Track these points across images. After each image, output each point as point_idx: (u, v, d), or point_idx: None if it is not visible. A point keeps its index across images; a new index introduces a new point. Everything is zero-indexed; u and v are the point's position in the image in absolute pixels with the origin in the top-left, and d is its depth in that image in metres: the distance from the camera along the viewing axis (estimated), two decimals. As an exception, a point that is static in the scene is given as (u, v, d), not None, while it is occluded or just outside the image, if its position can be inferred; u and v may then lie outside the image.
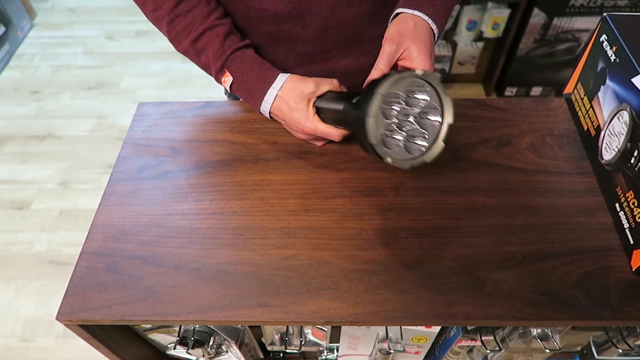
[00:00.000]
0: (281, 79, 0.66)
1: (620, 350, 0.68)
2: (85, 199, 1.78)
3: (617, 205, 0.60)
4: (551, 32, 1.85)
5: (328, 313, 0.53)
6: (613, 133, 0.61)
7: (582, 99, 0.71)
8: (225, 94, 0.88)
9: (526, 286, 0.55)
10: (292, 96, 0.64)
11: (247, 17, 0.70)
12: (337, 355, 0.85)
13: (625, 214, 0.58)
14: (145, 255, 0.58)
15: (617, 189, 0.60)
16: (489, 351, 0.71)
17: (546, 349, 0.69)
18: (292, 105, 0.64)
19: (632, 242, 0.57)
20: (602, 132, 0.64)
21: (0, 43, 2.30)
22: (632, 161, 0.56)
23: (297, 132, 0.68)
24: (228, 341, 0.73)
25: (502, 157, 0.69)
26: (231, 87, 0.68)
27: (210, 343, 0.72)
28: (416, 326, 0.66)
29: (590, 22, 1.82)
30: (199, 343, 0.70)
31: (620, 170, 0.59)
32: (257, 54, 0.70)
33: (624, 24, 0.63)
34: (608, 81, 0.63)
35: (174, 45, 0.70)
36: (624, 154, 0.58)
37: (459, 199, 0.64)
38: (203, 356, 0.75)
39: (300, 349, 0.77)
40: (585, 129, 0.70)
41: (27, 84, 2.26)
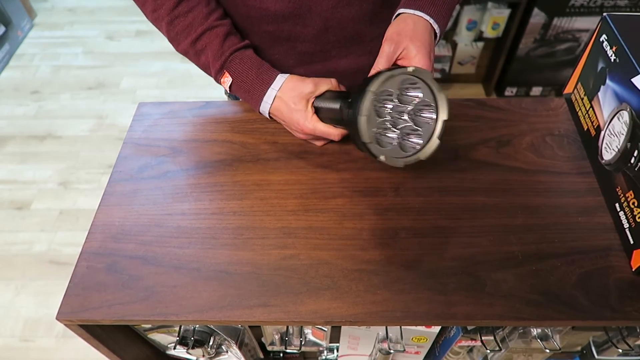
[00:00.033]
0: (280, 79, 0.66)
1: (620, 350, 0.68)
2: (85, 199, 1.78)
3: (617, 205, 0.60)
4: (551, 32, 1.85)
5: (328, 313, 0.53)
6: (613, 133, 0.61)
7: (582, 99, 0.71)
8: (225, 93, 0.88)
9: (526, 286, 0.55)
10: (291, 97, 0.64)
11: (248, 17, 0.70)
12: (337, 355, 0.85)
13: (625, 214, 0.58)
14: (145, 255, 0.58)
15: (617, 189, 0.60)
16: (489, 351, 0.71)
17: (546, 349, 0.69)
18: (291, 105, 0.64)
19: (632, 242, 0.57)
20: (602, 132, 0.64)
21: (0, 43, 2.30)
22: (632, 161, 0.56)
23: (296, 132, 0.68)
24: (228, 341, 0.73)
25: (502, 157, 0.69)
26: (231, 87, 0.69)
27: (210, 343, 0.72)
28: (416, 326, 0.66)
29: (590, 22, 1.82)
30: (199, 343, 0.70)
31: (620, 170, 0.59)
32: (258, 53, 0.70)
33: (624, 24, 0.63)
34: (608, 81, 0.63)
35: (173, 45, 0.70)
36: (624, 154, 0.58)
37: (459, 199, 0.64)
38: (203, 356, 0.75)
39: (300, 349, 0.77)
40: (585, 129, 0.70)
41: (27, 84, 2.26)
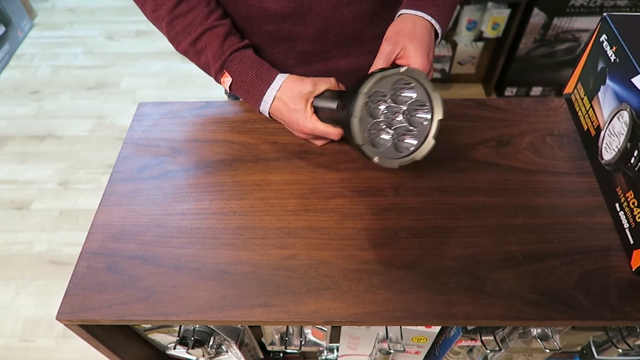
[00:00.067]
0: (280, 79, 0.66)
1: (620, 350, 0.68)
2: (85, 199, 1.78)
3: (617, 205, 0.60)
4: (551, 32, 1.85)
5: (328, 313, 0.53)
6: (613, 133, 0.61)
7: (582, 99, 0.71)
8: (225, 93, 0.88)
9: (526, 286, 0.55)
10: (290, 97, 0.64)
11: (248, 17, 0.70)
12: (337, 355, 0.85)
13: (625, 214, 0.58)
14: (145, 255, 0.58)
15: (617, 189, 0.60)
16: (489, 351, 0.71)
17: (546, 349, 0.69)
18: (290, 106, 0.65)
19: (632, 242, 0.57)
20: (602, 132, 0.64)
21: (0, 43, 2.30)
22: (632, 161, 0.56)
23: (296, 131, 0.68)
24: (228, 341, 0.73)
25: (502, 157, 0.69)
26: (230, 87, 0.69)
27: (210, 343, 0.72)
28: (416, 326, 0.66)
29: (590, 22, 1.82)
30: (199, 343, 0.70)
31: (620, 170, 0.59)
32: (258, 53, 0.70)
33: (624, 24, 0.63)
34: (608, 81, 0.63)
35: (173, 45, 0.70)
36: (624, 154, 0.58)
37: (459, 199, 0.64)
38: (203, 356, 0.75)
39: (300, 349, 0.77)
40: (585, 129, 0.70)
41: (27, 84, 2.26)
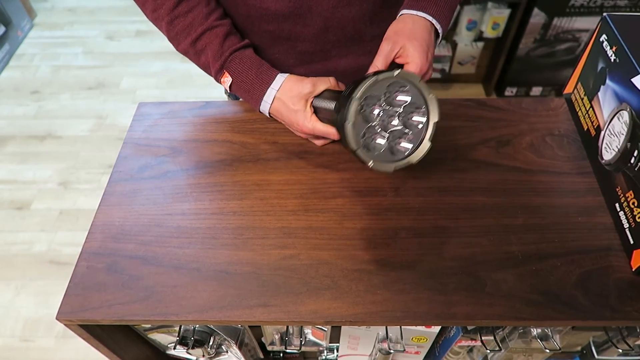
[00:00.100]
0: (280, 79, 0.66)
1: (620, 350, 0.68)
2: (85, 199, 1.78)
3: (617, 205, 0.60)
4: (551, 32, 1.85)
5: (328, 313, 0.53)
6: (613, 133, 0.61)
7: (582, 99, 0.71)
8: (225, 93, 0.88)
9: (526, 286, 0.55)
10: (289, 97, 0.65)
11: (248, 17, 0.70)
12: (337, 355, 0.85)
13: (625, 214, 0.58)
14: (145, 255, 0.58)
15: (617, 189, 0.60)
16: (489, 351, 0.71)
17: (546, 349, 0.69)
18: (290, 106, 0.65)
19: (632, 242, 0.57)
20: (602, 132, 0.64)
21: (0, 43, 2.30)
22: (632, 161, 0.56)
23: (296, 131, 0.68)
24: (228, 341, 0.73)
25: (502, 157, 0.69)
26: (231, 87, 0.69)
27: (210, 343, 0.72)
28: (416, 326, 0.66)
29: (590, 22, 1.82)
30: (199, 343, 0.70)
31: (620, 170, 0.59)
32: (258, 53, 0.70)
33: (624, 24, 0.63)
34: (608, 81, 0.63)
35: (173, 45, 0.70)
36: (624, 154, 0.58)
37: (459, 199, 0.64)
38: (203, 356, 0.75)
39: (300, 349, 0.77)
40: (585, 129, 0.70)
41: (27, 84, 2.26)
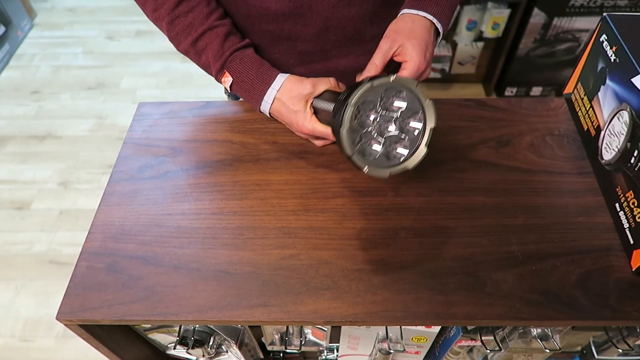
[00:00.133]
0: (280, 79, 0.66)
1: (620, 350, 0.68)
2: (85, 199, 1.78)
3: (617, 205, 0.60)
4: (551, 32, 1.85)
5: (328, 313, 0.53)
6: (613, 133, 0.61)
7: (582, 99, 0.71)
8: (225, 93, 0.88)
9: (526, 286, 0.55)
10: (289, 98, 0.65)
11: (248, 17, 0.70)
12: (337, 355, 0.85)
13: (625, 214, 0.58)
14: (145, 255, 0.58)
15: (617, 189, 0.60)
16: (489, 351, 0.71)
17: (546, 349, 0.68)
18: (290, 107, 0.65)
19: (632, 242, 0.57)
20: (602, 132, 0.64)
21: (0, 43, 2.30)
22: (632, 161, 0.56)
23: (296, 132, 0.68)
24: (228, 341, 0.73)
25: (502, 157, 0.69)
26: (231, 87, 0.69)
27: (210, 343, 0.72)
28: (416, 326, 0.66)
29: (590, 22, 1.82)
30: (199, 343, 0.70)
31: (620, 170, 0.59)
32: (258, 53, 0.70)
33: (624, 24, 0.63)
34: (608, 81, 0.63)
35: (174, 44, 0.70)
36: (624, 154, 0.58)
37: (459, 199, 0.64)
38: (203, 356, 0.75)
39: (300, 349, 0.77)
40: (585, 129, 0.70)
41: (27, 84, 2.26)
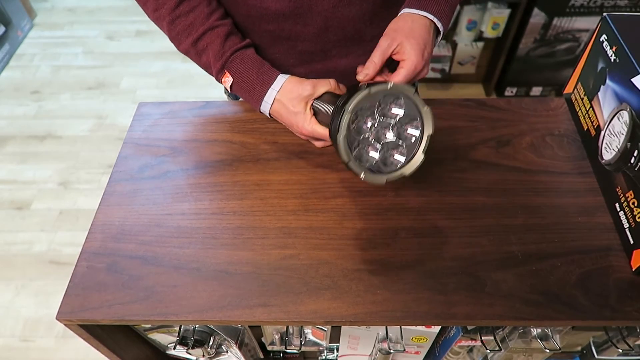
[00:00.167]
0: (280, 79, 0.66)
1: (620, 350, 0.68)
2: (85, 199, 1.78)
3: (617, 205, 0.60)
4: (551, 32, 1.85)
5: (328, 313, 0.53)
6: (613, 133, 0.61)
7: (582, 99, 0.71)
8: (225, 92, 0.88)
9: (526, 286, 0.55)
10: (289, 99, 0.64)
11: (248, 17, 0.70)
12: (337, 355, 0.85)
13: (625, 214, 0.58)
14: (145, 255, 0.58)
15: (617, 189, 0.60)
16: (489, 351, 0.71)
17: (546, 349, 0.68)
18: (290, 108, 0.64)
19: (632, 242, 0.57)
20: (602, 132, 0.64)
21: (0, 43, 2.30)
22: (632, 161, 0.56)
23: (296, 133, 0.68)
24: (228, 341, 0.73)
25: (502, 157, 0.69)
26: (231, 87, 0.69)
27: (210, 343, 0.72)
28: (416, 326, 0.66)
29: (590, 22, 1.82)
30: (199, 343, 0.70)
31: (620, 170, 0.59)
32: (258, 53, 0.70)
33: (624, 24, 0.63)
34: (608, 81, 0.63)
35: (174, 44, 0.70)
36: (624, 154, 0.58)
37: (459, 199, 0.64)
38: (203, 356, 0.75)
39: (300, 349, 0.77)
40: (585, 129, 0.70)
41: (27, 84, 2.26)
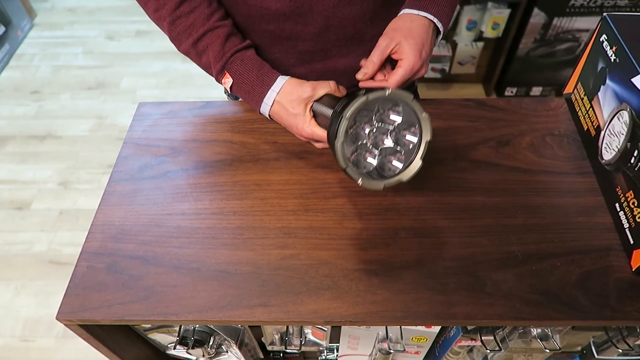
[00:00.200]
0: (280, 81, 0.66)
1: (620, 350, 0.67)
2: (85, 199, 1.78)
3: (617, 205, 0.60)
4: (551, 32, 1.85)
5: (328, 313, 0.53)
6: (613, 133, 0.61)
7: (582, 99, 0.71)
8: (225, 93, 0.88)
9: (526, 286, 0.55)
10: (289, 101, 0.64)
11: (248, 16, 0.70)
12: (337, 355, 0.85)
13: (625, 214, 0.58)
14: (145, 255, 0.58)
15: (617, 189, 0.60)
16: (489, 351, 0.71)
17: (546, 349, 0.68)
18: (289, 110, 0.64)
19: (632, 242, 0.57)
20: (602, 132, 0.64)
21: (0, 43, 2.30)
22: (632, 161, 0.56)
23: (296, 134, 0.68)
24: (228, 341, 0.73)
25: (502, 157, 0.69)
26: (231, 88, 0.69)
27: (210, 343, 0.72)
28: (416, 326, 0.66)
29: (590, 22, 1.82)
30: (199, 343, 0.70)
31: (620, 170, 0.59)
32: (258, 53, 0.70)
33: (624, 24, 0.63)
34: (608, 81, 0.63)
35: (175, 45, 0.70)
36: (624, 154, 0.58)
37: (459, 199, 0.64)
38: (203, 356, 0.75)
39: (300, 349, 0.77)
40: (585, 129, 0.70)
41: (27, 84, 2.26)
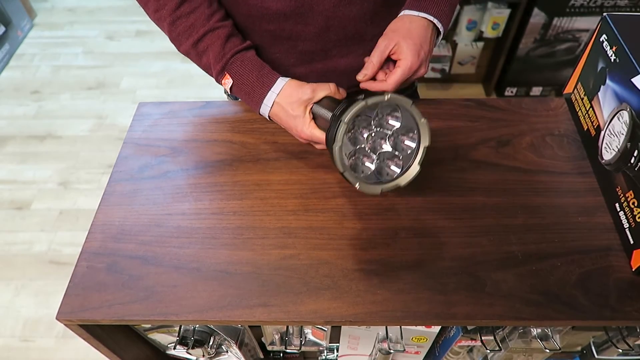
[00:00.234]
0: (280, 83, 0.66)
1: (620, 350, 0.67)
2: (85, 199, 1.78)
3: (617, 205, 0.60)
4: (551, 32, 1.85)
5: (328, 313, 0.53)
6: (613, 133, 0.61)
7: (582, 99, 0.71)
8: (225, 93, 0.88)
9: (526, 286, 0.55)
10: (288, 102, 0.64)
11: (249, 16, 0.70)
12: (337, 355, 0.85)
13: (625, 214, 0.58)
14: (145, 255, 0.58)
15: (617, 189, 0.60)
16: (489, 351, 0.71)
17: (546, 349, 0.68)
18: (289, 112, 0.64)
19: (632, 242, 0.57)
20: (602, 132, 0.64)
21: (0, 43, 2.30)
22: (632, 161, 0.56)
23: (296, 136, 0.68)
24: (228, 341, 0.73)
25: (502, 157, 0.69)
26: (231, 89, 0.69)
27: (210, 343, 0.72)
28: (416, 326, 0.66)
29: (590, 22, 1.82)
30: (199, 343, 0.70)
31: (620, 170, 0.59)
32: (258, 53, 0.70)
33: (624, 24, 0.63)
34: (608, 81, 0.63)
35: (175, 45, 0.70)
36: (624, 154, 0.58)
37: (459, 199, 0.64)
38: (203, 356, 0.75)
39: (300, 349, 0.77)
40: (585, 129, 0.70)
41: (27, 84, 2.26)
